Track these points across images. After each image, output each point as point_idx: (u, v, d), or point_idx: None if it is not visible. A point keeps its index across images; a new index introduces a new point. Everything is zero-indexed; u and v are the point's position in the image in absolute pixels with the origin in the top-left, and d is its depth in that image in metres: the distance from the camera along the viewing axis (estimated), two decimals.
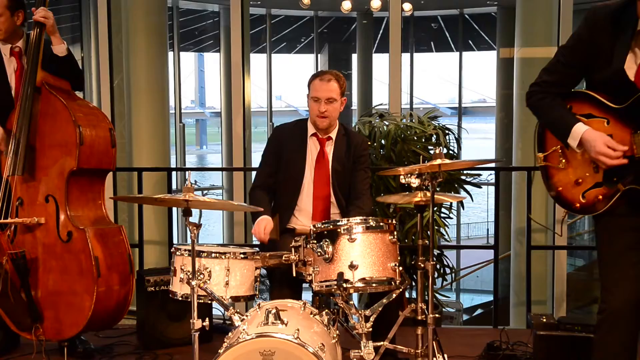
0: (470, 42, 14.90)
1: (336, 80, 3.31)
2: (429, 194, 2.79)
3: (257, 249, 3.05)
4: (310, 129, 3.40)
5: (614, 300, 2.35)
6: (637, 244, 2.35)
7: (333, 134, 3.39)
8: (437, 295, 5.13)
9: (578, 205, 2.46)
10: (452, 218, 4.82)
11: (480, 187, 4.85)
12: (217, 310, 4.12)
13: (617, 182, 2.33)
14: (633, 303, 2.33)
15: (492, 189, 4.64)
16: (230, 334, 2.59)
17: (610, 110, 2.35)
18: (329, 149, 3.39)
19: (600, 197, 2.39)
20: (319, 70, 3.52)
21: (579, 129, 2.37)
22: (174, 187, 5.72)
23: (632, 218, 2.34)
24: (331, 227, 2.68)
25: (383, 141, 4.54)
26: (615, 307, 2.34)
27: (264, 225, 3.15)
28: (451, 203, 4.74)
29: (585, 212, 2.45)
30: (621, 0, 2.30)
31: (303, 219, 3.34)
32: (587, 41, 2.37)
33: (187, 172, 2.72)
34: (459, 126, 7.02)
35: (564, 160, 2.50)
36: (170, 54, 10.97)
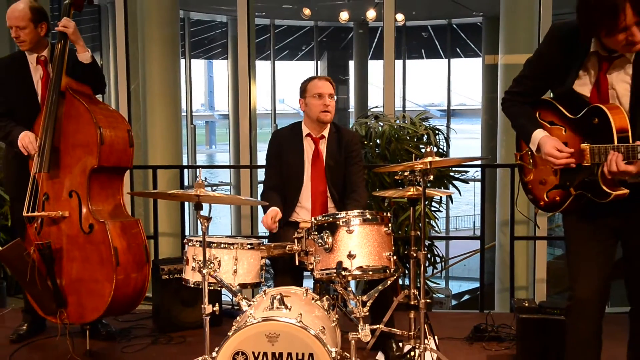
0: (457, 49, 14.89)
1: (330, 82, 3.34)
2: (420, 189, 2.79)
3: (263, 240, 3.05)
4: (305, 130, 3.37)
5: (580, 289, 2.34)
6: (599, 236, 2.34)
7: (325, 133, 3.37)
8: (428, 282, 5.13)
9: (542, 203, 2.45)
10: (441, 211, 4.81)
11: (468, 183, 4.84)
12: (226, 296, 4.13)
13: (569, 186, 2.32)
14: (598, 291, 2.33)
15: (478, 184, 4.64)
16: (238, 318, 2.60)
17: (567, 119, 2.33)
18: (323, 147, 3.36)
19: (558, 198, 2.38)
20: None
21: (538, 135, 2.36)
22: (185, 183, 5.72)
23: (590, 216, 2.33)
24: (331, 219, 2.68)
25: (378, 140, 4.54)
26: (581, 295, 2.34)
27: (272, 215, 3.14)
28: (441, 197, 4.75)
29: (548, 210, 2.45)
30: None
31: (303, 213, 3.33)
32: (546, 57, 2.34)
33: (197, 170, 2.71)
34: (448, 127, 6.97)
35: (532, 161, 2.49)
36: (182, 61, 10.94)
